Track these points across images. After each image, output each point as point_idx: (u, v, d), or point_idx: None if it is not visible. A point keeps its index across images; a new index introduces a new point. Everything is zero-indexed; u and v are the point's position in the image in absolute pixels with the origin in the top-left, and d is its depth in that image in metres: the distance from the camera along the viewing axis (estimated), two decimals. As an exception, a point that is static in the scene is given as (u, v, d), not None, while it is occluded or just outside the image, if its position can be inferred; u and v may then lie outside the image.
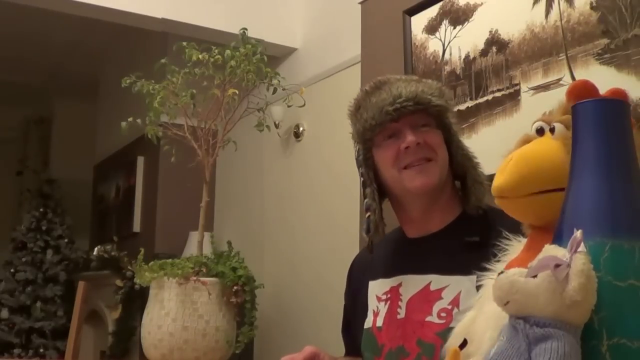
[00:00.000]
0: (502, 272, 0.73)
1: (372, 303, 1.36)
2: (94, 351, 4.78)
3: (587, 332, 0.70)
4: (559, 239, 0.77)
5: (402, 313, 1.27)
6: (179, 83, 1.83)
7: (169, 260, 1.77)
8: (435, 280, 1.25)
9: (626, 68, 1.75)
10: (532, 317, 0.70)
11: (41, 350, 5.10)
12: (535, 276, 0.70)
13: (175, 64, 1.88)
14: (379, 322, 1.31)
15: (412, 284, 1.28)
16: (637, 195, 0.76)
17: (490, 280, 0.91)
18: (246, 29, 1.84)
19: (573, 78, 1.88)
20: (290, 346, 2.99)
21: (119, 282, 4.05)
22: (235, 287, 1.75)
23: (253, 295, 1.78)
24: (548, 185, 0.82)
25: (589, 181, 0.77)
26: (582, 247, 0.70)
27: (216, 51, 1.83)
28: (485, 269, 0.93)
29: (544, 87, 1.97)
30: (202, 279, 1.73)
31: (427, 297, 1.25)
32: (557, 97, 1.99)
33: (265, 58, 1.86)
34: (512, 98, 2.06)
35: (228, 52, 1.81)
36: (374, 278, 1.37)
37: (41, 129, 6.46)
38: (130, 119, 1.86)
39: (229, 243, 2.46)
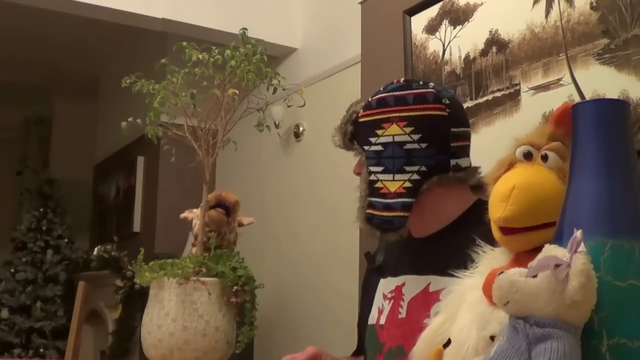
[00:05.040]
0: (502, 272, 0.73)
1: (378, 300, 1.37)
2: (94, 351, 4.78)
3: (587, 332, 0.70)
4: (559, 239, 0.77)
5: (403, 313, 1.28)
6: (179, 83, 1.82)
7: (169, 260, 1.77)
8: (435, 282, 1.25)
9: (626, 68, 1.74)
10: (532, 317, 0.70)
11: (41, 350, 5.10)
12: (535, 276, 0.70)
13: (175, 64, 1.88)
14: (382, 320, 1.32)
15: (413, 284, 1.29)
16: (637, 195, 0.76)
17: (458, 286, 0.92)
18: (246, 29, 1.84)
19: (573, 78, 1.88)
20: (290, 346, 2.99)
21: (119, 282, 4.05)
22: (235, 287, 1.75)
23: (253, 295, 1.78)
24: (552, 218, 0.81)
25: (589, 181, 0.77)
26: (582, 247, 0.70)
27: (216, 51, 1.82)
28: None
29: (544, 87, 1.97)
30: (202, 279, 1.73)
31: (427, 298, 1.25)
32: (557, 97, 1.99)
33: (266, 58, 1.85)
34: (512, 98, 2.06)
35: (228, 52, 1.81)
36: (384, 276, 1.39)
37: (41, 129, 6.46)
38: (130, 119, 1.86)
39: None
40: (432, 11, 2.39)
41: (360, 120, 1.32)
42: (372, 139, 1.29)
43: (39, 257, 5.34)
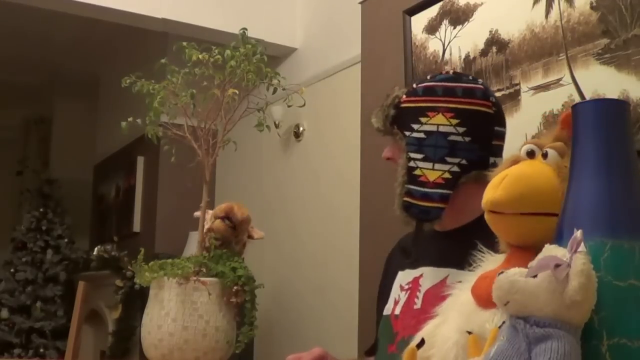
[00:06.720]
0: (501, 272, 0.73)
1: (395, 291, 1.38)
2: (94, 351, 4.78)
3: (587, 332, 0.70)
4: (559, 239, 0.77)
5: (418, 304, 1.29)
6: (179, 83, 1.82)
7: (169, 260, 1.77)
8: (453, 275, 1.25)
9: (626, 68, 1.75)
10: (532, 317, 0.70)
11: (41, 350, 5.10)
12: (535, 276, 0.70)
13: (175, 64, 1.88)
14: (397, 311, 1.33)
15: (431, 276, 1.30)
16: (637, 195, 0.76)
17: (457, 290, 0.93)
18: (246, 29, 1.84)
19: (573, 78, 1.88)
20: (290, 346, 2.99)
21: (119, 282, 4.05)
22: (235, 287, 1.74)
23: (253, 295, 1.78)
24: (541, 208, 0.83)
25: (589, 181, 0.77)
26: (582, 247, 0.70)
27: (216, 51, 1.82)
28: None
29: (544, 87, 1.97)
30: (202, 279, 1.73)
31: (443, 290, 1.26)
32: (557, 97, 1.99)
33: (265, 58, 1.85)
34: (512, 98, 2.06)
35: (228, 52, 1.80)
36: (403, 269, 1.39)
37: (41, 129, 6.46)
38: (130, 119, 1.86)
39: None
40: (432, 11, 2.40)
41: (403, 105, 1.32)
42: (415, 126, 1.30)
43: (39, 257, 5.33)
